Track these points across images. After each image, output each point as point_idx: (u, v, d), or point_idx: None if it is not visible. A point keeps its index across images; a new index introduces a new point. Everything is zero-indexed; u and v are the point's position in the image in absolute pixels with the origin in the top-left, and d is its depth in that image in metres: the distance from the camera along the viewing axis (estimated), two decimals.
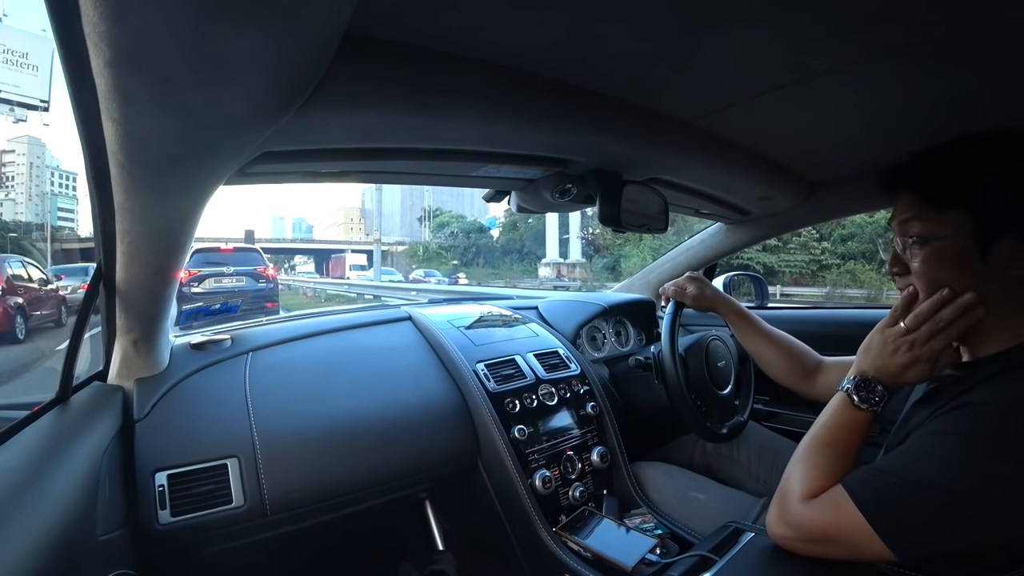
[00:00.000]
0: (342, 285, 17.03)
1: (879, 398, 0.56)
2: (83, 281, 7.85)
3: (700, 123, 0.79)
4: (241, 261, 7.43)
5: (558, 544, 0.92)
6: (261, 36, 0.34)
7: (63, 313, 6.34)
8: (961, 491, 0.47)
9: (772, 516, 0.59)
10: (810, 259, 15.65)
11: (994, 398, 0.49)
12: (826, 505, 0.54)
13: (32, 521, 0.49)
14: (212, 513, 0.77)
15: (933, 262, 0.55)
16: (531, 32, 0.53)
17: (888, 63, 0.60)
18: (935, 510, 0.48)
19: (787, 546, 0.58)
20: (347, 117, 0.55)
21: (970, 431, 0.48)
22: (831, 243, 15.52)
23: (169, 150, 0.47)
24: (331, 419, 0.92)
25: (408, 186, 37.35)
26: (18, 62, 19.94)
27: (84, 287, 0.81)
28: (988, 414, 0.48)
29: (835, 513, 0.52)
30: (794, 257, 15.63)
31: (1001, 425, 0.47)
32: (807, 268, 15.57)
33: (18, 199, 47.67)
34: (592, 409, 1.15)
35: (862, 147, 0.92)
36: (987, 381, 0.51)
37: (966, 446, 0.48)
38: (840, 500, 0.52)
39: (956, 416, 0.50)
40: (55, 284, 6.75)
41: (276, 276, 8.29)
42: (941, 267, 0.54)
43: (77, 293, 7.39)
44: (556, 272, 17.70)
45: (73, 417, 0.72)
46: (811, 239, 15.58)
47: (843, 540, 0.52)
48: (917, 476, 0.49)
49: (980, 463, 0.47)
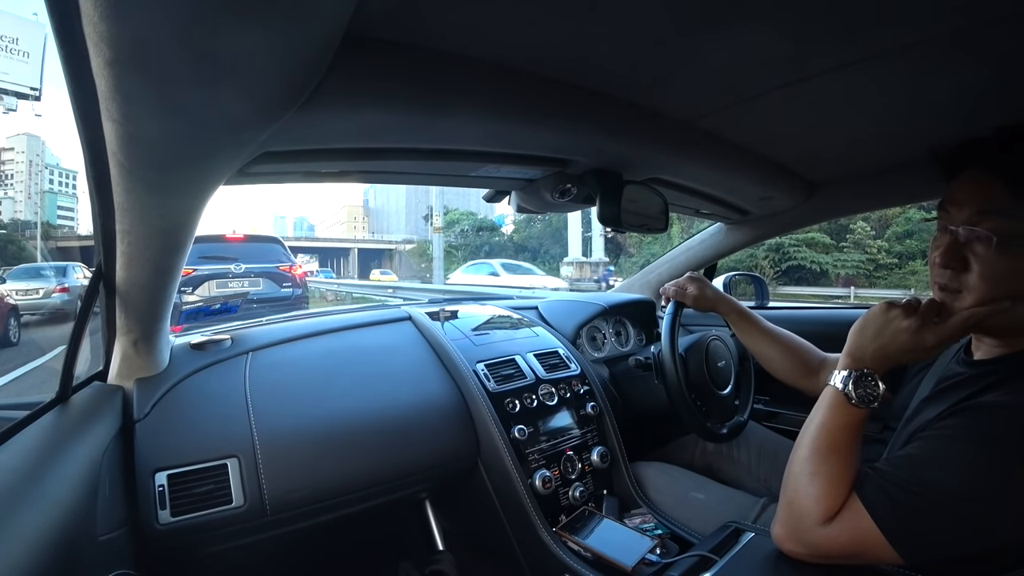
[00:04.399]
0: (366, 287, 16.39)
1: (876, 395, 0.54)
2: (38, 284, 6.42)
3: (700, 123, 0.79)
4: (256, 256, 5.15)
5: (558, 544, 0.92)
6: (261, 36, 0.34)
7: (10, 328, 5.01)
8: (972, 497, 0.47)
9: (783, 533, 0.57)
10: (866, 258, 14.60)
11: (1004, 401, 0.48)
12: (846, 527, 0.51)
13: (32, 521, 0.49)
14: (212, 513, 0.77)
15: (1014, 269, 0.47)
16: (531, 32, 0.52)
17: (888, 63, 0.59)
18: (947, 517, 0.47)
19: (798, 559, 0.56)
20: (347, 117, 0.55)
21: (980, 435, 0.48)
22: (885, 240, 14.52)
23: (169, 150, 0.47)
24: (331, 419, 0.92)
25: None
26: (8, 48, 18.68)
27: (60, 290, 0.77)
28: (997, 417, 0.48)
29: (857, 534, 0.51)
30: (849, 257, 14.66)
31: (1009, 428, 0.47)
32: (864, 268, 14.53)
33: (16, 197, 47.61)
34: (592, 409, 1.15)
35: (862, 147, 0.92)
36: (997, 383, 0.51)
37: (976, 450, 0.48)
38: (860, 519, 0.50)
39: (965, 418, 0.50)
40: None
41: (305, 278, 6.05)
42: (1012, 267, 0.47)
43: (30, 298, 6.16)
44: (579, 271, 17.36)
45: (73, 417, 0.72)
46: (867, 236, 14.58)
47: (863, 556, 0.51)
48: (929, 483, 0.48)
49: (991, 468, 0.47)
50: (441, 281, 17.11)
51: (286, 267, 5.36)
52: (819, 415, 0.57)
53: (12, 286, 6.48)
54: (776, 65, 0.61)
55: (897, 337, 0.53)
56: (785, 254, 14.70)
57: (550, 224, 25.75)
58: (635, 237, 18.30)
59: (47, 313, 6.14)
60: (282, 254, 5.47)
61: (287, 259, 5.48)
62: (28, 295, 6.36)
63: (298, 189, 72.74)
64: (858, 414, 0.55)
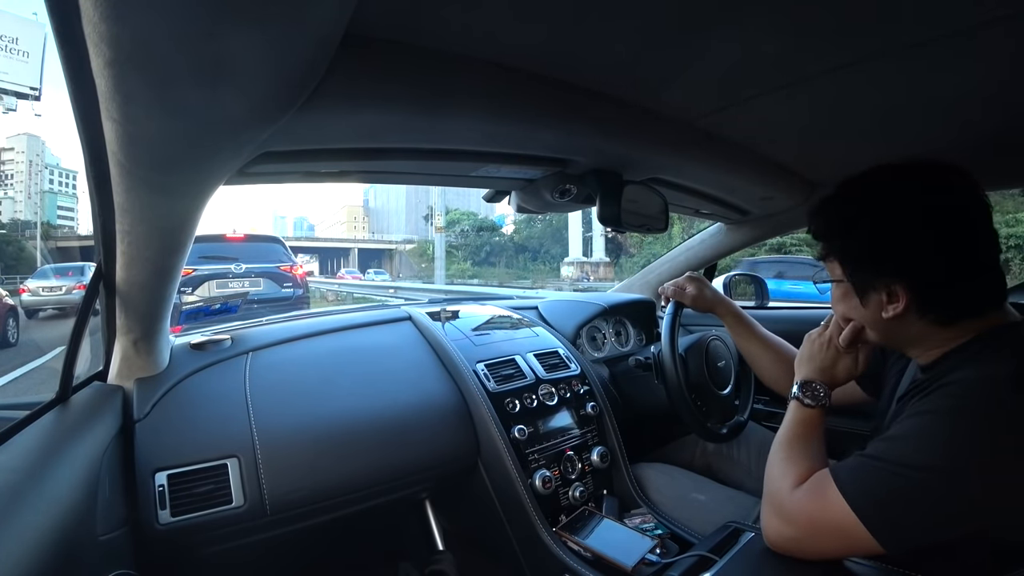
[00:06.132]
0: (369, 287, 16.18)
1: (823, 394, 0.65)
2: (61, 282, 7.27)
3: (700, 123, 0.79)
4: (257, 256, 5.07)
5: (558, 544, 0.92)
6: (261, 36, 0.34)
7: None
8: (939, 468, 0.48)
9: (766, 518, 0.60)
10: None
11: (966, 375, 0.51)
12: (811, 489, 0.56)
13: (32, 521, 0.49)
14: (212, 513, 0.77)
15: (834, 297, 0.66)
16: (531, 32, 0.52)
17: (888, 63, 0.59)
18: (914, 490, 0.48)
19: (783, 547, 0.58)
20: (347, 117, 0.55)
21: (945, 408, 0.50)
22: None
23: (169, 150, 0.47)
24: (331, 419, 0.92)
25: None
26: (7, 47, 18.75)
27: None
28: (960, 391, 0.50)
29: (820, 499, 0.54)
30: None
31: (973, 398, 0.50)
32: None
33: (16, 197, 47.58)
34: (592, 409, 1.15)
35: (862, 147, 0.92)
36: (962, 363, 0.54)
37: (941, 423, 0.50)
38: (825, 485, 0.54)
39: (933, 397, 0.52)
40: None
41: (306, 278, 5.94)
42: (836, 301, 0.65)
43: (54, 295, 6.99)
44: (580, 271, 17.12)
45: (73, 417, 0.72)
46: None
47: (830, 528, 0.53)
48: (896, 457, 0.50)
49: (955, 438, 0.48)
50: (442, 281, 16.99)
51: (287, 267, 5.28)
52: (785, 423, 0.67)
53: (39, 283, 7.38)
54: (776, 65, 0.61)
55: (822, 354, 0.68)
56: (787, 254, 14.70)
57: (551, 224, 25.64)
58: (635, 237, 18.18)
59: (67, 308, 7.02)
60: (283, 254, 5.39)
61: (288, 259, 5.40)
62: (52, 292, 7.30)
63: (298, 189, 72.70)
64: (814, 413, 0.65)
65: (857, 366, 0.67)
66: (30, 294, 7.28)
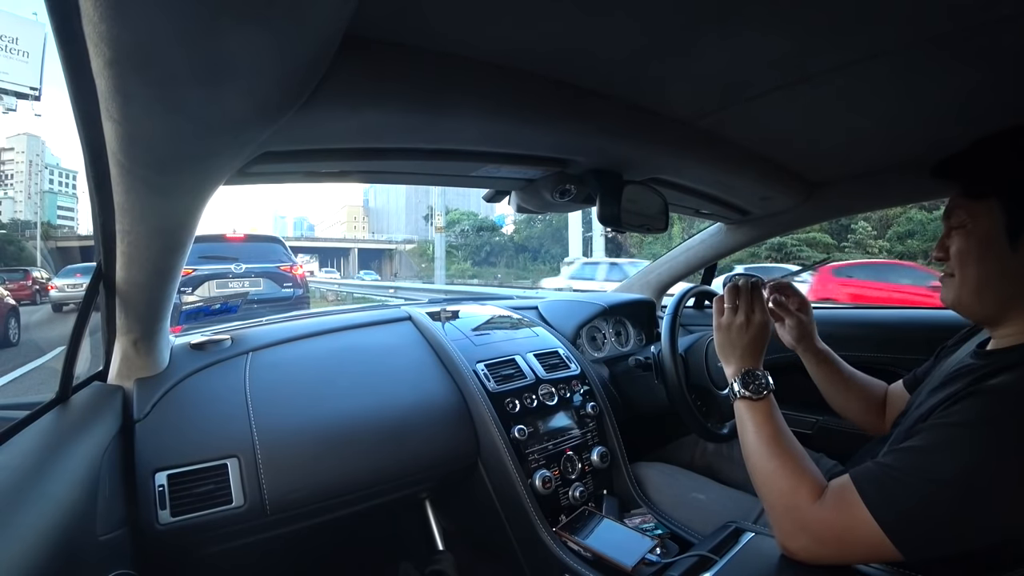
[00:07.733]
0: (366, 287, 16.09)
1: (764, 381, 0.65)
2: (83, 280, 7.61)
3: (700, 123, 0.79)
4: (256, 256, 5.05)
5: (558, 544, 0.92)
6: (261, 36, 0.34)
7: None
8: (969, 487, 0.46)
9: (784, 532, 0.57)
10: (868, 258, 13.95)
11: (1006, 385, 0.49)
12: (836, 505, 0.53)
13: (32, 521, 0.49)
14: (212, 513, 0.77)
15: (964, 246, 0.57)
16: (531, 32, 0.52)
17: (889, 63, 0.59)
18: (945, 507, 0.47)
19: (803, 559, 0.56)
20: (347, 117, 0.55)
21: (979, 421, 0.48)
22: (887, 240, 14.22)
23: (169, 150, 0.47)
24: (331, 419, 0.92)
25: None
26: (7, 47, 18.61)
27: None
28: (997, 401, 0.48)
29: (847, 516, 0.51)
30: (850, 257, 13.94)
31: (1008, 413, 0.47)
32: None
33: (16, 197, 47.57)
34: (592, 409, 1.15)
35: (862, 147, 0.92)
36: (1003, 370, 0.51)
37: (974, 439, 0.48)
38: (851, 500, 0.51)
39: (968, 404, 0.50)
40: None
41: (306, 278, 5.91)
42: (969, 251, 0.57)
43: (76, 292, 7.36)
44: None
45: (73, 417, 0.72)
46: (868, 236, 14.30)
47: (857, 542, 0.51)
48: (927, 474, 0.48)
49: (989, 457, 0.47)
50: (442, 281, 16.97)
51: (287, 267, 5.24)
52: (745, 427, 0.65)
53: (65, 281, 8.16)
54: (776, 65, 0.61)
55: (744, 336, 0.67)
56: (787, 254, 14.63)
57: (550, 224, 25.59)
58: (636, 237, 18.12)
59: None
60: (283, 254, 5.34)
61: (288, 259, 5.35)
62: (76, 288, 7.75)
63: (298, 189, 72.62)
64: (764, 404, 0.64)
65: (789, 330, 0.63)
66: (57, 291, 8.18)
